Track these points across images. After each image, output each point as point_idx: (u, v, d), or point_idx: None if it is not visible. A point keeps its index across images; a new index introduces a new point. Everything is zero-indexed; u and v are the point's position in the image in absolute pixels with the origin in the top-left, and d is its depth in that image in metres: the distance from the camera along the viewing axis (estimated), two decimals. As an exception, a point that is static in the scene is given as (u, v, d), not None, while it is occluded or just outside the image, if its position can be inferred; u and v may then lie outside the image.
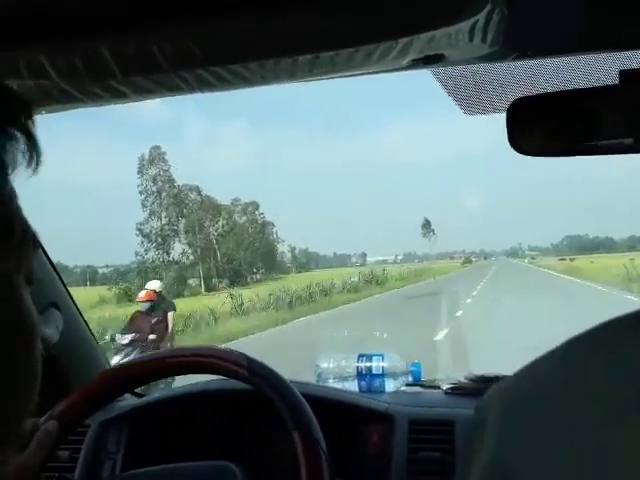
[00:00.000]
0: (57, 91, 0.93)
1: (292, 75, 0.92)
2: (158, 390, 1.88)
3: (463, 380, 1.56)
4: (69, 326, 1.60)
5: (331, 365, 1.63)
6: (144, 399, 1.62)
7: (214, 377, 1.19)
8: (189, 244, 56.56)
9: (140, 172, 54.73)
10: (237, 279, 54.57)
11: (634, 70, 0.94)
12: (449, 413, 1.43)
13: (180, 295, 39.39)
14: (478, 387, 1.54)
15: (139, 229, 55.24)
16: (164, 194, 55.30)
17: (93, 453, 1.48)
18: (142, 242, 54.01)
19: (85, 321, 1.72)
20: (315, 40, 0.84)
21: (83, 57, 0.87)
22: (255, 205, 64.21)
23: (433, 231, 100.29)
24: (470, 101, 1.12)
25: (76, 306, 1.69)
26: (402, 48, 0.84)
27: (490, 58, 0.95)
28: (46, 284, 1.58)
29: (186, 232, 56.38)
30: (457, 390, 1.56)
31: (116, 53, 0.86)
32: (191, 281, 54.21)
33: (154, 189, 55.26)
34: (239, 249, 59.12)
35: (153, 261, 53.43)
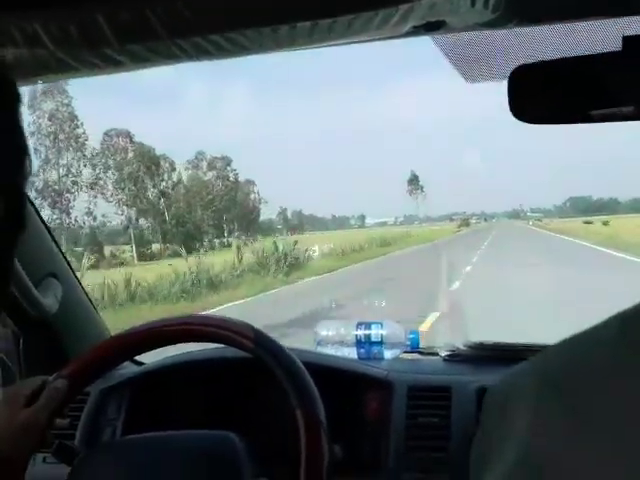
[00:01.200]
0: (53, 60, 0.92)
1: (291, 42, 0.91)
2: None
3: (461, 347, 1.57)
4: (68, 295, 1.61)
5: (330, 333, 1.64)
6: (144, 367, 1.63)
7: (215, 345, 1.20)
8: (119, 203, 46.10)
9: (32, 107, 38.76)
10: (194, 243, 44.49)
11: (637, 36, 0.93)
12: (447, 380, 1.44)
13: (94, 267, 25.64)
14: (476, 354, 1.55)
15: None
16: (63, 136, 41.08)
17: (93, 420, 1.50)
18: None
19: (85, 291, 1.73)
20: (314, 6, 0.83)
21: (78, 25, 0.86)
22: (226, 160, 55.21)
23: (421, 188, 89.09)
24: (471, 68, 1.11)
25: (75, 276, 1.69)
26: (402, 14, 0.83)
27: (492, 24, 0.94)
28: (45, 254, 1.58)
29: (115, 188, 45.55)
30: (455, 357, 1.57)
31: (111, 20, 0.85)
32: (125, 248, 44.82)
33: (51, 129, 40.87)
34: (197, 209, 50.67)
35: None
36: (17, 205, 0.75)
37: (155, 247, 47.76)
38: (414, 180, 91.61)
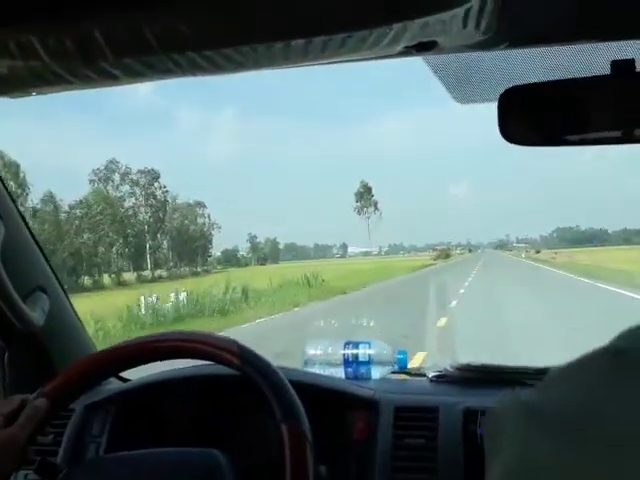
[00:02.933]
0: (48, 73, 0.92)
1: (285, 60, 0.92)
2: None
3: (449, 368, 1.57)
4: (56, 309, 1.60)
5: (318, 352, 1.64)
6: (129, 383, 1.62)
7: (201, 362, 1.19)
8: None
9: None
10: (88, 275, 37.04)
11: (625, 61, 0.95)
12: (434, 400, 1.44)
13: None
14: (463, 375, 1.55)
15: None
16: None
17: (77, 436, 1.48)
18: None
19: (72, 305, 1.72)
20: (308, 24, 0.83)
21: (74, 38, 0.86)
22: (152, 175, 45.65)
23: (375, 205, 65.16)
24: (462, 89, 1.13)
25: (63, 290, 1.68)
26: (395, 34, 0.84)
27: (483, 46, 0.95)
28: (33, 267, 1.57)
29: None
30: (442, 378, 1.57)
31: (107, 34, 0.85)
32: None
33: None
34: (99, 232, 40.94)
35: None
36: None
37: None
38: (365, 194, 67.54)
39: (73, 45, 0.87)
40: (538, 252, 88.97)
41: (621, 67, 0.94)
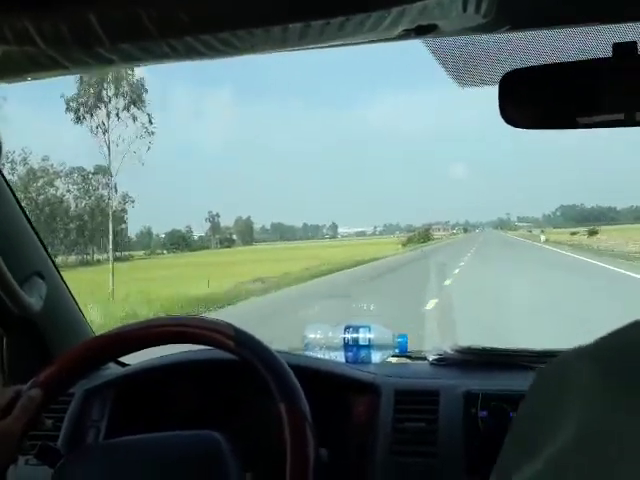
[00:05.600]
0: (44, 58, 0.91)
1: (283, 44, 0.91)
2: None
3: (449, 351, 1.57)
4: (53, 295, 1.59)
5: (318, 336, 1.64)
6: (128, 368, 1.62)
7: (199, 347, 1.19)
8: None
9: None
10: None
11: (627, 43, 0.94)
12: (434, 384, 1.44)
13: None
14: (464, 358, 1.55)
15: None
16: None
17: (77, 421, 1.49)
18: None
19: (70, 290, 1.72)
20: (306, 8, 0.82)
21: (69, 23, 0.85)
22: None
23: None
24: (462, 73, 1.11)
25: (60, 275, 1.68)
26: (394, 17, 0.82)
27: (483, 29, 0.94)
28: (30, 252, 1.57)
29: None
30: (443, 361, 1.57)
31: (103, 19, 0.84)
32: None
33: None
34: None
35: None
36: None
37: None
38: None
39: (69, 30, 0.86)
40: (543, 232, 67.41)
41: (623, 50, 0.93)
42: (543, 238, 51.73)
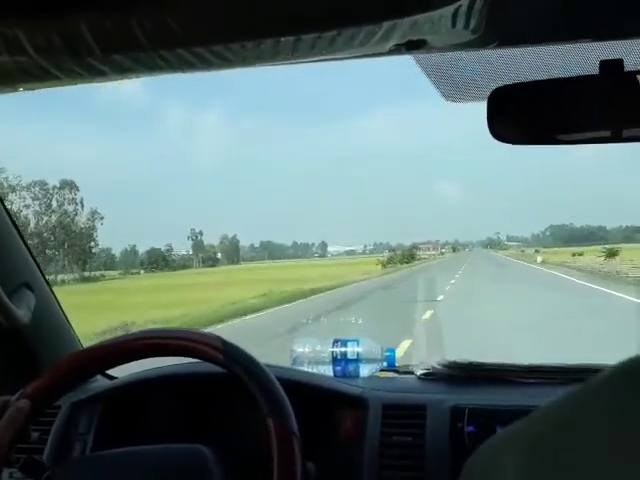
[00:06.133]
0: (35, 68, 0.91)
1: (274, 57, 0.91)
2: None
3: (437, 366, 1.57)
4: (41, 306, 1.58)
5: (306, 350, 1.64)
6: (116, 381, 1.61)
7: (188, 359, 1.19)
8: None
9: None
10: None
11: (614, 60, 0.95)
12: (421, 398, 1.44)
13: None
14: (451, 373, 1.55)
15: None
16: None
17: (63, 434, 1.47)
18: None
19: (58, 302, 1.71)
20: (298, 22, 0.83)
21: (61, 33, 0.85)
22: None
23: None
24: (451, 88, 1.12)
25: (49, 286, 1.67)
26: (385, 32, 0.83)
27: (472, 45, 0.95)
28: (19, 264, 1.56)
29: None
30: (430, 376, 1.57)
31: (95, 30, 0.84)
32: None
33: None
34: None
35: None
36: None
37: None
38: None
39: (60, 40, 0.86)
40: (537, 251, 64.84)
41: (609, 67, 0.94)
42: (539, 259, 44.82)
